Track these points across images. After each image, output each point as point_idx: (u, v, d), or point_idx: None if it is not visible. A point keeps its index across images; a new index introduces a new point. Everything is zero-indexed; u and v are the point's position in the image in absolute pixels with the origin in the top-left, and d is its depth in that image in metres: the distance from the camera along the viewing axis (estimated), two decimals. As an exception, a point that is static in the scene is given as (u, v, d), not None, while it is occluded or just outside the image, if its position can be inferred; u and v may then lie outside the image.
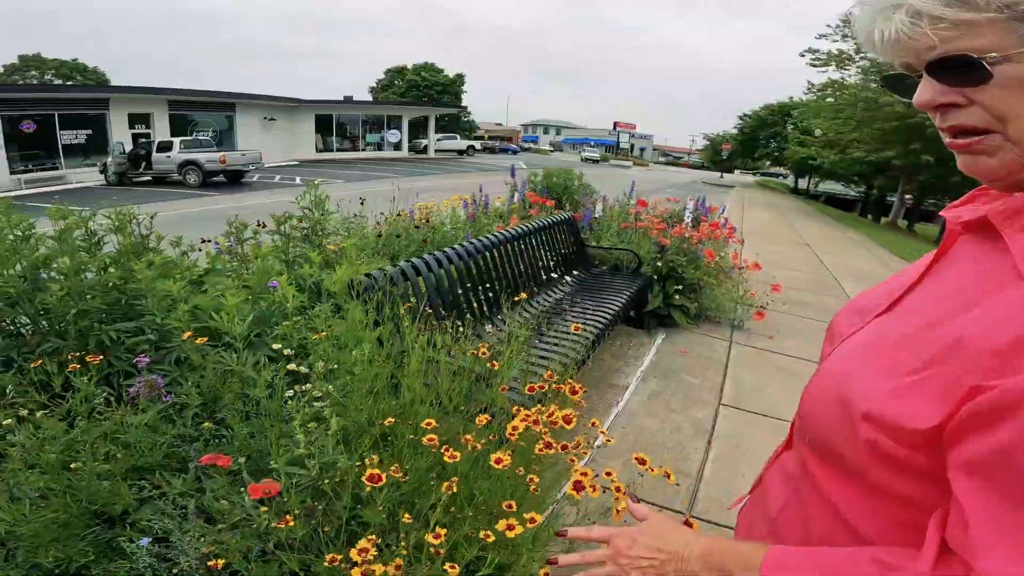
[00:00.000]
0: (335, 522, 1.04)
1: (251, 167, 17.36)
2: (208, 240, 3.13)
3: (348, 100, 30.26)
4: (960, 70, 0.43)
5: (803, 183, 36.91)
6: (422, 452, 1.19)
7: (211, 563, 0.92)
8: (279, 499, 1.03)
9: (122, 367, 2.06)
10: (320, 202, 3.51)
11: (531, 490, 1.12)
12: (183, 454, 1.50)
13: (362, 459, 1.09)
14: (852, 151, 18.45)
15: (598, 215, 5.28)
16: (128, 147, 17.64)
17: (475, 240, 3.03)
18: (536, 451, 1.12)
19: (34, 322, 2.13)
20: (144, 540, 1.04)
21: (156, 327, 2.08)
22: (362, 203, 4.55)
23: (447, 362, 1.51)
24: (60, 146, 18.38)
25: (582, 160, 43.95)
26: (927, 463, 0.44)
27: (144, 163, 16.73)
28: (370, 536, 0.83)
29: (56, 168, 18.12)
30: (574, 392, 1.27)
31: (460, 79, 46.59)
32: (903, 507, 0.47)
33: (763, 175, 55.73)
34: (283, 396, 1.40)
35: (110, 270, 2.34)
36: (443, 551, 0.84)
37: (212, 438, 1.58)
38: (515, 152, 45.30)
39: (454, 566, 0.88)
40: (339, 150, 28.61)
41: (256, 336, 2.16)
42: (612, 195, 6.14)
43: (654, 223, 4.84)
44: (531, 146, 63.79)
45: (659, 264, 4.32)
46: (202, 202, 12.73)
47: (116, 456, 1.41)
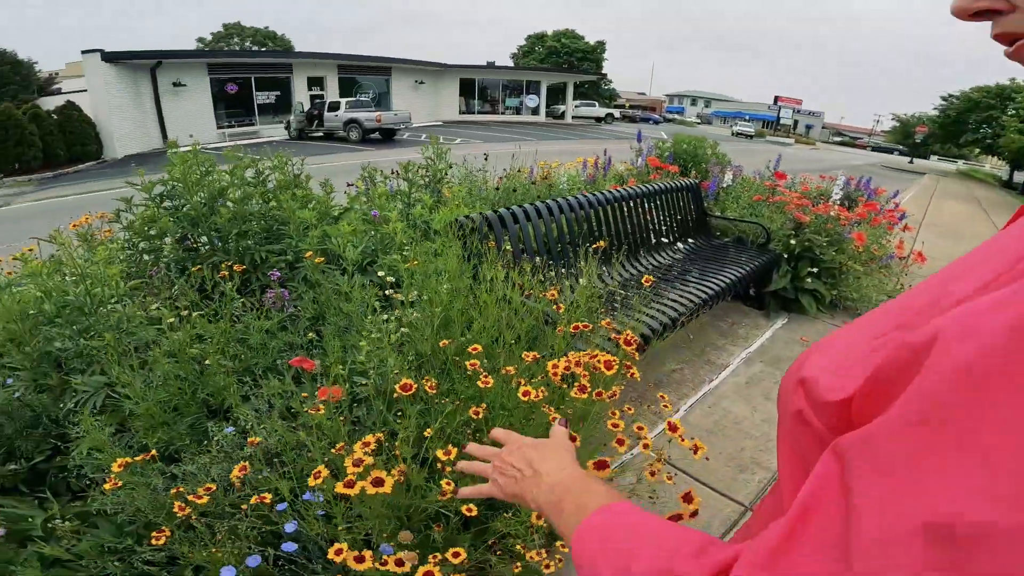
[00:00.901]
0: (370, 428, 1.17)
1: (402, 126, 18.97)
2: (350, 184, 3.54)
3: (490, 65, 31.01)
4: None
5: (1021, 176, 29.63)
6: (471, 379, 1.27)
7: (253, 441, 1.10)
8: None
9: (267, 282, 2.45)
10: (442, 154, 3.74)
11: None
12: (289, 359, 1.77)
13: (420, 378, 1.20)
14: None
15: (727, 184, 4.86)
16: (306, 107, 20.19)
17: (580, 195, 3.00)
18: (572, 394, 1.13)
19: (208, 240, 2.61)
20: (229, 428, 1.27)
21: (293, 249, 2.43)
22: (486, 159, 4.74)
23: (520, 301, 1.56)
24: (256, 105, 21.58)
25: (733, 134, 40.14)
26: None
27: (317, 121, 19.14)
28: (378, 434, 0.94)
29: (252, 124, 21.36)
30: (628, 343, 1.24)
31: (601, 46, 45.01)
32: None
33: (967, 164, 46.06)
34: (372, 316, 1.58)
35: (271, 203, 2.76)
36: (449, 468, 0.93)
37: (313, 347, 1.83)
38: (656, 122, 42.91)
39: (450, 482, 0.97)
40: (480, 112, 29.65)
41: (371, 264, 2.42)
42: (752, 170, 5.57)
43: (793, 198, 4.32)
44: (676, 117, 59.79)
45: (792, 242, 3.87)
46: (359, 155, 14.18)
47: (240, 357, 1.70)
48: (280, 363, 1.69)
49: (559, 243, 2.76)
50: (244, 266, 2.33)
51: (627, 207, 3.32)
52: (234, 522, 1.02)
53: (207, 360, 1.44)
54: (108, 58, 16.57)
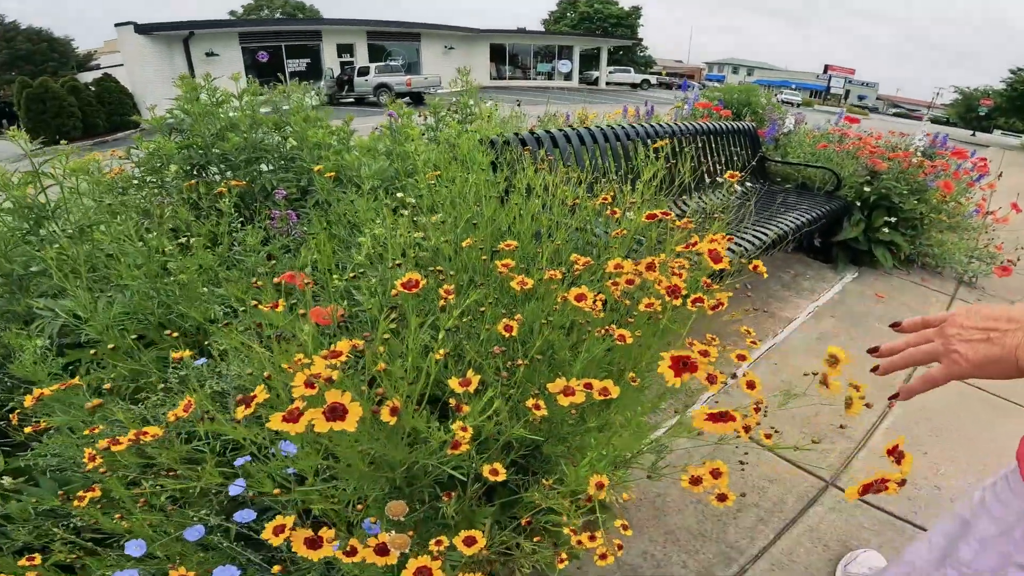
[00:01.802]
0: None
1: (431, 90, 18.74)
2: (376, 129, 3.28)
3: (521, 31, 30.19)
4: None
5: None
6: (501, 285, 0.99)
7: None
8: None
9: (277, 207, 2.23)
10: (473, 90, 3.43)
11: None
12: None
13: (439, 285, 0.92)
14: None
15: (787, 131, 4.37)
16: (336, 72, 20.06)
17: (627, 124, 2.64)
18: (660, 298, 0.84)
19: (218, 170, 2.42)
20: (201, 360, 1.02)
21: (306, 173, 2.18)
22: (519, 104, 4.40)
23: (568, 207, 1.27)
24: (287, 73, 21.54)
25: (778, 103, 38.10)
26: None
27: (347, 86, 19.08)
28: (355, 340, 0.66)
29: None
30: (716, 258, 0.93)
31: (636, 12, 43.00)
32: None
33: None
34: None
35: (285, 130, 2.54)
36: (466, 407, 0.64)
37: (316, 270, 1.58)
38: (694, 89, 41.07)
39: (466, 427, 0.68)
40: (511, 78, 28.93)
41: (389, 191, 2.16)
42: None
43: (867, 143, 3.82)
44: (716, 85, 57.06)
45: (866, 189, 3.42)
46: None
47: (229, 280, 1.46)
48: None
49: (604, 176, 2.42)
50: (243, 183, 2.09)
51: (677, 145, 2.94)
52: (161, 480, 0.73)
53: (182, 276, 1.20)
54: (141, 30, 16.68)
